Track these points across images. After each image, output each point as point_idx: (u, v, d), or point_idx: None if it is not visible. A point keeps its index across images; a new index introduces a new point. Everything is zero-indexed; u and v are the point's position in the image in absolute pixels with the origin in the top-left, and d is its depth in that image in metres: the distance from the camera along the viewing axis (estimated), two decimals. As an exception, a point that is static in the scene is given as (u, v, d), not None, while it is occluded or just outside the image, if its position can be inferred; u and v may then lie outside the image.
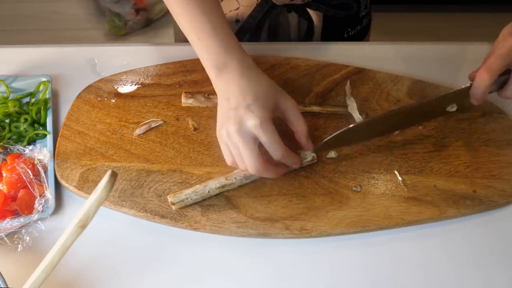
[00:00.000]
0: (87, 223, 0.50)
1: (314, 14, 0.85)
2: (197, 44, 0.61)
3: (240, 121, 0.57)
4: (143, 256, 0.61)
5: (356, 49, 0.80)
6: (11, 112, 0.71)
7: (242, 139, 0.57)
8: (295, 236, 0.61)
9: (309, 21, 0.85)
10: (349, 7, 0.87)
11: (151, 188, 0.64)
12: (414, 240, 0.62)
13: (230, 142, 0.58)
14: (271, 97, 0.60)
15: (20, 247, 0.61)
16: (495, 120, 0.70)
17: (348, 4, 0.86)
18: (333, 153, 0.67)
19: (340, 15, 0.85)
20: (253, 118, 0.56)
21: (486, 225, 0.63)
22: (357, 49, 0.81)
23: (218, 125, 0.60)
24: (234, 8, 0.84)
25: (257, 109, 0.57)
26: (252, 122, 0.56)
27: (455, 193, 0.64)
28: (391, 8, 1.94)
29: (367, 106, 0.71)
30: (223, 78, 0.60)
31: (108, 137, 0.69)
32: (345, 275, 0.60)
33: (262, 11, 0.82)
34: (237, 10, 0.84)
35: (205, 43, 0.61)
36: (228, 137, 0.58)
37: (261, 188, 0.64)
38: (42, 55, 0.79)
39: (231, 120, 0.57)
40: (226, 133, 0.58)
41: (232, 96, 0.58)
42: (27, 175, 0.64)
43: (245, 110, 0.57)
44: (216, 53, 0.60)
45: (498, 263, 0.61)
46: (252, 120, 0.56)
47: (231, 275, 0.60)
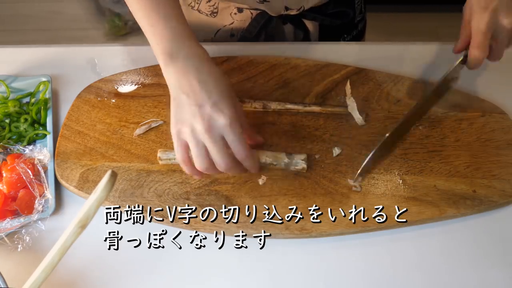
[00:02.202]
0: (87, 223, 0.50)
1: (310, 24, 0.85)
2: (149, 31, 0.59)
3: (209, 120, 0.55)
4: (143, 256, 0.61)
5: (356, 49, 0.80)
6: (11, 112, 0.71)
7: (211, 138, 0.55)
8: (295, 236, 0.61)
9: (305, 31, 0.85)
10: (345, 15, 0.86)
11: (151, 188, 0.64)
12: (414, 240, 0.62)
13: (193, 140, 0.56)
14: (233, 95, 0.58)
15: (20, 247, 0.61)
16: (495, 120, 0.70)
17: (344, 11, 0.86)
18: (337, 149, 0.67)
19: (336, 23, 0.85)
20: (222, 117, 0.55)
21: (486, 225, 0.63)
22: (357, 49, 0.81)
23: (174, 120, 0.57)
24: (229, 23, 0.84)
25: (226, 108, 0.55)
26: (221, 121, 0.55)
27: (455, 193, 0.64)
28: (391, 8, 1.94)
29: (367, 106, 0.71)
30: (176, 66, 0.57)
31: (108, 137, 0.69)
32: (345, 275, 0.60)
33: (258, 25, 0.82)
34: (231, 25, 0.84)
35: (158, 30, 0.58)
36: (191, 135, 0.56)
37: (261, 188, 0.64)
38: (42, 55, 0.79)
39: (197, 118, 0.55)
40: (188, 131, 0.56)
41: (191, 91, 0.56)
42: (27, 175, 0.64)
43: (213, 108, 0.55)
44: (168, 40, 0.58)
45: (498, 263, 0.61)
46: (222, 120, 0.55)
47: (231, 275, 0.60)
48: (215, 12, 0.84)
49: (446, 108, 0.70)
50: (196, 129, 0.55)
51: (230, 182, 0.65)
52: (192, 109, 0.55)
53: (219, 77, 0.58)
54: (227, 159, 0.56)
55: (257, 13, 0.82)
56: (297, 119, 0.70)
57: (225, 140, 0.56)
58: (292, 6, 0.80)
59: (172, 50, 0.57)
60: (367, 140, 0.68)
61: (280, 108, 0.70)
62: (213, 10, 0.83)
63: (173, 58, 0.57)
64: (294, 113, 0.70)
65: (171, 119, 0.57)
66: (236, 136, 0.56)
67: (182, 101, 0.56)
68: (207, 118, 0.55)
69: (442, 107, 0.71)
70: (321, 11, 0.83)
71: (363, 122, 0.69)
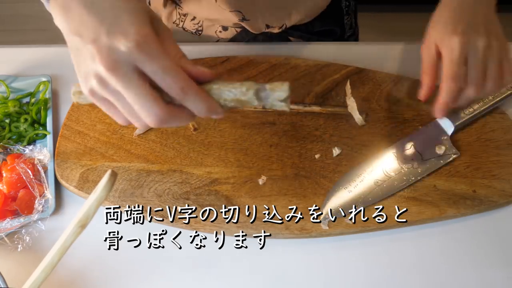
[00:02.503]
0: (87, 223, 0.50)
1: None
2: None
3: (108, 53, 0.38)
4: (143, 256, 0.61)
5: (356, 49, 0.80)
6: (11, 112, 0.71)
7: (120, 77, 0.38)
8: (295, 236, 0.61)
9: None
10: (332, 33, 0.85)
11: (151, 188, 0.64)
12: (414, 240, 0.62)
13: (106, 92, 0.40)
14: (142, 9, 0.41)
15: (20, 247, 0.61)
16: (495, 120, 0.70)
17: (331, 30, 0.85)
18: (337, 149, 0.67)
19: (323, 41, 0.85)
20: (124, 40, 0.38)
21: (486, 225, 0.63)
22: (357, 49, 0.81)
23: (80, 75, 0.41)
24: (214, 40, 0.84)
25: (127, 25, 0.38)
26: (124, 44, 0.38)
27: (455, 193, 0.64)
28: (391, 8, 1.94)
29: (367, 106, 0.71)
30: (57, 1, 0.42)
31: (108, 137, 0.69)
32: (345, 275, 0.60)
33: (242, 42, 0.82)
34: (216, 42, 0.84)
35: None
36: (101, 85, 0.39)
37: (261, 188, 0.64)
38: (42, 55, 0.79)
39: (95, 58, 0.38)
40: (96, 82, 0.39)
41: (81, 25, 0.40)
42: (27, 175, 0.64)
43: (109, 35, 0.38)
44: None
45: (498, 263, 0.61)
46: (124, 43, 0.38)
47: (231, 275, 0.60)
48: (200, 30, 0.83)
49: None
50: (101, 74, 0.39)
51: (230, 182, 0.65)
52: (88, 49, 0.39)
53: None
54: (152, 104, 0.39)
55: (241, 30, 0.82)
56: (297, 119, 0.70)
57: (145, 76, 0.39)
58: (273, 24, 0.79)
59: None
60: (367, 140, 0.68)
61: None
62: (198, 28, 0.83)
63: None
64: (294, 113, 0.70)
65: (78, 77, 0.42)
66: (155, 58, 0.38)
67: (77, 45, 0.41)
68: (105, 52, 0.38)
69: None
70: (307, 29, 0.83)
71: (363, 122, 0.69)
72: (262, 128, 0.69)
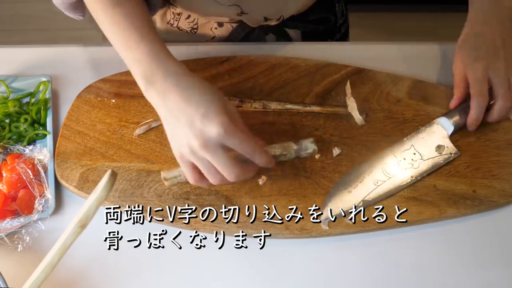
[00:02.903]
0: (87, 223, 0.50)
1: (292, 32, 0.85)
2: (125, 55, 0.58)
3: (202, 135, 0.52)
4: (143, 256, 0.61)
5: (356, 49, 0.80)
6: (11, 112, 0.71)
7: (211, 153, 0.53)
8: (295, 236, 0.61)
9: (287, 39, 0.85)
10: (327, 21, 0.86)
11: (151, 188, 0.64)
12: (414, 240, 0.62)
13: (196, 159, 0.54)
14: (223, 100, 0.55)
15: (20, 247, 0.61)
16: (495, 120, 0.70)
17: (325, 17, 0.86)
18: (337, 149, 0.67)
19: (319, 29, 0.85)
20: (213, 127, 0.52)
21: (486, 225, 0.63)
22: (357, 49, 0.81)
23: (173, 144, 0.56)
24: (210, 37, 0.84)
25: (215, 116, 0.52)
26: (214, 131, 0.52)
27: (455, 193, 0.64)
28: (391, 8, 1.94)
29: (367, 106, 0.71)
30: (156, 88, 0.55)
31: (108, 137, 0.69)
32: (345, 275, 0.60)
33: (238, 37, 0.82)
34: (212, 40, 0.84)
35: (133, 54, 0.57)
36: (192, 155, 0.54)
37: (261, 188, 0.64)
38: (42, 55, 0.79)
39: (190, 136, 0.53)
40: (188, 152, 0.54)
41: (179, 111, 0.54)
42: (27, 175, 0.64)
43: (202, 121, 0.52)
44: (144, 63, 0.56)
45: (498, 263, 0.61)
46: (214, 129, 0.52)
47: (231, 275, 0.60)
48: (195, 28, 0.83)
49: (446, 108, 0.70)
50: (194, 148, 0.53)
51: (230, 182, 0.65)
52: (184, 129, 0.53)
53: (202, 87, 0.55)
54: (233, 168, 0.54)
55: (237, 25, 0.82)
56: (297, 119, 0.70)
57: (227, 148, 0.54)
58: (271, 16, 0.80)
59: (149, 73, 0.56)
60: (367, 140, 0.68)
61: (280, 108, 0.70)
62: (193, 27, 0.83)
63: (151, 81, 0.56)
64: (294, 113, 0.70)
65: (170, 143, 0.56)
66: (235, 137, 0.53)
67: (173, 123, 0.55)
68: (199, 134, 0.53)
69: (442, 107, 0.71)
70: (302, 19, 0.83)
71: (363, 122, 0.69)
72: (262, 128, 0.69)
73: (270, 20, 0.80)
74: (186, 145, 0.54)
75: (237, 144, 0.54)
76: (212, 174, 0.55)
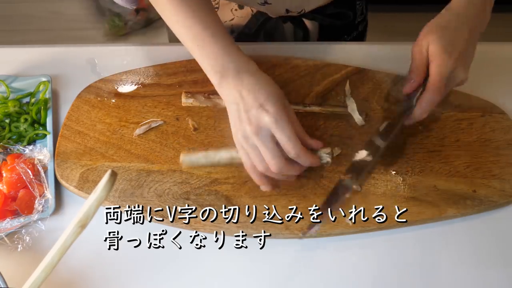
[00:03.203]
0: (87, 223, 0.50)
1: (310, 24, 0.85)
2: (196, 52, 0.60)
3: (256, 121, 0.56)
4: (143, 256, 0.61)
5: (356, 49, 0.80)
6: (11, 112, 0.71)
7: (261, 139, 0.56)
8: (295, 236, 0.61)
9: (304, 30, 0.85)
10: (345, 16, 0.86)
11: (151, 188, 0.64)
12: (414, 240, 0.62)
13: (247, 145, 0.57)
14: (282, 96, 0.59)
15: (20, 247, 0.61)
16: (495, 120, 0.70)
17: (344, 13, 0.86)
18: (337, 149, 0.67)
19: (336, 24, 0.85)
20: (268, 116, 0.55)
21: (486, 225, 0.63)
22: (357, 49, 0.81)
23: (233, 131, 0.59)
24: (229, 19, 0.84)
25: (271, 107, 0.56)
26: (267, 119, 0.55)
27: (455, 193, 0.64)
28: (392, 8, 1.94)
29: (367, 106, 0.71)
30: (228, 82, 0.59)
31: (108, 137, 0.69)
32: (345, 275, 0.60)
33: (257, 22, 0.83)
34: (232, 21, 0.84)
35: (206, 50, 0.60)
36: (245, 140, 0.57)
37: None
38: (42, 55, 0.79)
39: (245, 122, 0.56)
40: (242, 136, 0.57)
41: (241, 99, 0.57)
42: (27, 175, 0.64)
43: (258, 109, 0.56)
44: (217, 59, 0.59)
45: (498, 263, 0.61)
46: (268, 118, 0.55)
47: (231, 275, 0.60)
48: (216, 8, 0.84)
49: (446, 108, 0.70)
50: (246, 134, 0.57)
51: (230, 182, 0.65)
52: (241, 115, 0.57)
53: (266, 83, 0.59)
54: (278, 158, 0.56)
55: (258, 11, 0.82)
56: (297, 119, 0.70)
57: (276, 140, 0.56)
58: (293, 9, 0.80)
59: (222, 68, 0.59)
60: (367, 140, 0.68)
61: (280, 108, 0.70)
62: (214, 5, 0.84)
63: (224, 76, 0.59)
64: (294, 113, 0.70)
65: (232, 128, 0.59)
66: (284, 133, 0.56)
67: (234, 111, 0.58)
68: (254, 120, 0.56)
69: (442, 107, 0.71)
70: (321, 11, 0.83)
71: (363, 122, 0.69)
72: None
73: (292, 13, 0.81)
74: (241, 130, 0.57)
75: (284, 140, 0.56)
76: (258, 161, 0.57)
